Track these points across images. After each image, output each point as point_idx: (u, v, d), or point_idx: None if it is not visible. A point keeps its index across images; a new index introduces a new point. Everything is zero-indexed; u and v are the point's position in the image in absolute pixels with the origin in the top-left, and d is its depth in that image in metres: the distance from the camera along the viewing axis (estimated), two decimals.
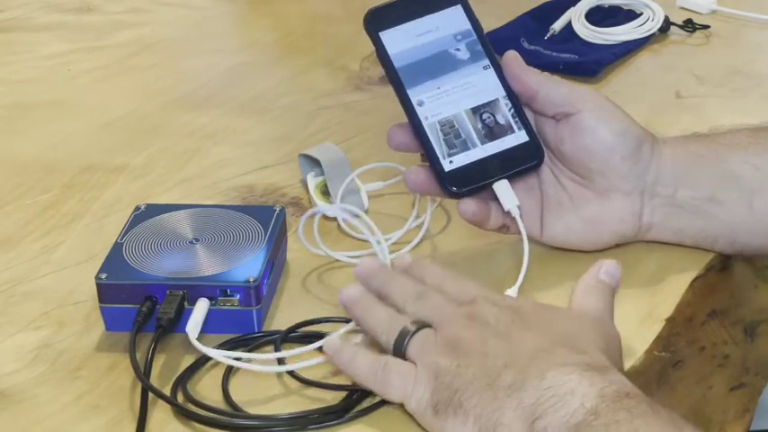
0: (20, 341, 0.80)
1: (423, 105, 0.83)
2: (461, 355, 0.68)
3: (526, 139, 0.84)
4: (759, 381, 0.85)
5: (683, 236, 0.85)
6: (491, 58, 0.86)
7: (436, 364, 0.68)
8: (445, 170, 0.82)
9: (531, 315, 0.70)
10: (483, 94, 0.84)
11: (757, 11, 1.28)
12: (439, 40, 0.85)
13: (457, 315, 0.71)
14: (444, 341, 0.69)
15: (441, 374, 0.68)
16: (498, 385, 0.65)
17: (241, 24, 1.41)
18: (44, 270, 0.88)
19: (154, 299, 0.79)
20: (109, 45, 1.29)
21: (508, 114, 0.84)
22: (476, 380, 0.66)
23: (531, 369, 0.65)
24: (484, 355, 0.67)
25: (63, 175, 1.02)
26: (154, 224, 0.85)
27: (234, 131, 1.09)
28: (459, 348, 0.68)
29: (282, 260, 0.87)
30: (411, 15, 0.85)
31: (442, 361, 0.68)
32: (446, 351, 0.68)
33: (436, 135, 0.82)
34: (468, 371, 0.67)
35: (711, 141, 0.85)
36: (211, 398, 0.74)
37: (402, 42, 0.84)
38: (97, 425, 0.72)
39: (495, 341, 0.68)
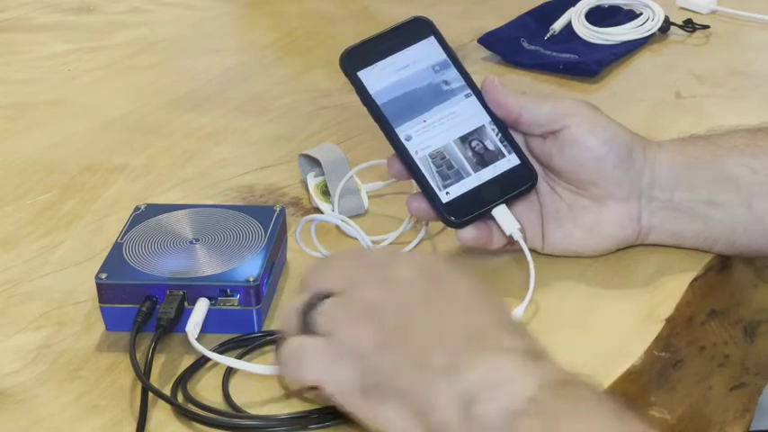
0: (20, 341, 0.80)
1: (411, 140, 0.83)
2: (383, 327, 0.64)
3: (518, 163, 0.84)
4: (759, 381, 0.85)
5: (682, 238, 0.85)
6: (471, 85, 0.86)
7: (355, 343, 0.64)
8: (443, 202, 0.82)
9: (455, 283, 0.67)
10: (469, 122, 0.84)
11: (757, 11, 1.28)
12: (417, 74, 0.85)
13: (365, 277, 0.66)
14: (357, 308, 0.65)
15: (365, 354, 0.63)
16: (431, 366, 0.62)
17: (241, 24, 1.40)
18: (44, 270, 0.88)
19: (154, 299, 0.79)
20: (109, 45, 1.29)
21: (496, 139, 0.84)
22: (406, 359, 0.63)
23: (467, 352, 0.62)
24: (410, 328, 0.64)
25: (63, 175, 1.02)
26: (154, 224, 0.85)
27: (234, 131, 1.09)
28: (376, 318, 0.64)
29: (282, 260, 0.87)
30: (386, 52, 0.85)
31: (362, 339, 0.64)
32: (361, 321, 0.64)
33: (429, 168, 0.82)
34: (395, 349, 0.63)
35: (708, 144, 0.85)
36: (211, 398, 0.74)
37: (381, 80, 0.84)
38: (97, 425, 0.72)
39: (419, 311, 0.64)
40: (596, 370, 0.76)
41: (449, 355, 0.62)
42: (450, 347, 0.63)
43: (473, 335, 0.63)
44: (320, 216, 0.88)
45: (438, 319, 0.64)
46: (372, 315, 0.65)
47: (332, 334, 0.65)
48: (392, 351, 0.63)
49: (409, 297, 0.65)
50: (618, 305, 0.83)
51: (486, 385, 0.61)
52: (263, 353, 0.78)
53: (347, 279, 0.67)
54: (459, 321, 0.64)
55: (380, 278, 0.67)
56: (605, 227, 0.84)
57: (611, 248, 0.85)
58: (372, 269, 0.68)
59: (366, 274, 0.67)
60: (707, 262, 0.86)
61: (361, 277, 0.67)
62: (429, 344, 0.63)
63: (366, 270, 0.68)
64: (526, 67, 1.19)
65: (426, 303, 0.65)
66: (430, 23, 0.87)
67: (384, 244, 0.86)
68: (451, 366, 0.62)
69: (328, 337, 0.65)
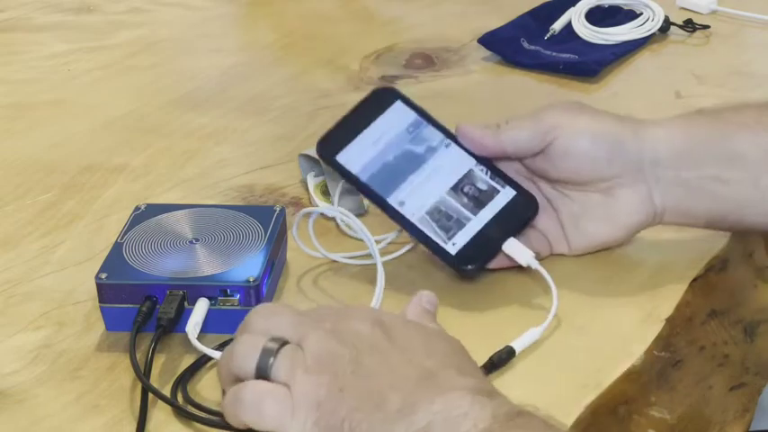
0: (20, 341, 0.80)
1: (405, 205, 0.84)
2: (339, 375, 0.64)
3: (514, 194, 0.84)
4: (759, 381, 0.85)
5: (694, 217, 0.85)
6: (448, 134, 0.86)
7: (315, 391, 0.64)
8: (453, 254, 0.82)
9: (402, 332, 0.68)
10: (456, 170, 0.85)
11: (757, 11, 1.28)
12: (393, 141, 0.86)
13: (318, 329, 0.67)
14: (314, 358, 0.65)
15: (323, 404, 0.64)
16: (386, 409, 0.63)
17: (241, 24, 1.41)
18: (44, 270, 0.88)
19: (154, 299, 0.79)
20: (109, 45, 1.29)
21: (487, 178, 0.85)
22: (362, 405, 0.63)
23: (420, 393, 0.63)
24: (364, 374, 0.64)
25: (63, 175, 1.02)
26: (154, 224, 0.85)
27: (234, 131, 1.09)
28: (332, 367, 0.65)
29: (282, 260, 0.87)
30: (358, 129, 0.86)
31: (321, 387, 0.64)
32: (319, 370, 0.65)
33: (429, 226, 0.83)
34: (351, 396, 0.64)
35: (716, 120, 0.84)
36: (211, 398, 0.74)
37: (360, 157, 0.85)
38: (97, 425, 0.72)
39: (370, 359, 0.65)
40: (596, 370, 0.76)
41: (403, 397, 0.63)
42: (404, 390, 0.64)
43: (425, 377, 0.64)
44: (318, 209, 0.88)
45: (391, 365, 0.65)
46: (328, 364, 0.65)
47: (291, 384, 0.65)
48: (348, 397, 0.64)
49: (362, 346, 0.66)
50: (618, 305, 0.83)
51: (441, 422, 0.62)
52: None
53: (299, 329, 0.67)
54: (411, 366, 0.65)
55: (332, 330, 0.67)
56: (621, 216, 0.84)
57: (633, 233, 0.86)
58: (324, 320, 0.68)
59: (318, 324, 0.67)
60: (707, 262, 0.86)
61: (314, 327, 0.67)
62: (383, 388, 0.64)
63: (318, 320, 0.68)
64: (526, 67, 1.19)
65: (379, 350, 0.66)
66: (392, 90, 0.88)
67: (383, 244, 0.86)
68: (406, 407, 0.63)
69: (288, 386, 0.65)
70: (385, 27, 1.32)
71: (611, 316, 0.81)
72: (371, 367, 0.65)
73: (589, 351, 0.78)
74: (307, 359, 0.66)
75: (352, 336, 0.66)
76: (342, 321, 0.68)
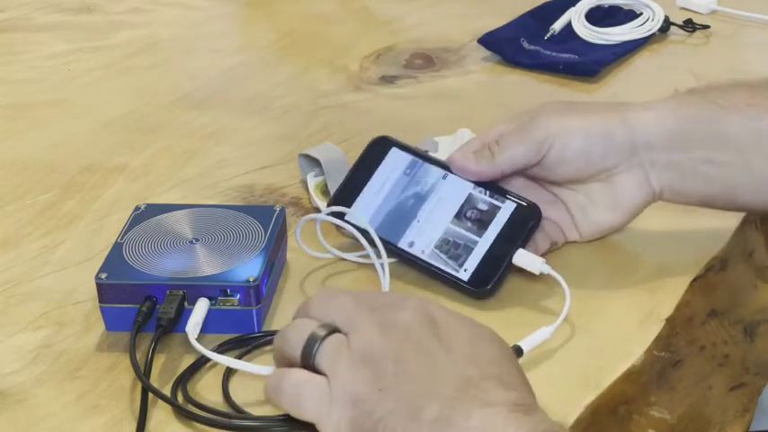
0: (20, 341, 0.80)
1: (414, 245, 0.85)
2: (381, 373, 0.64)
3: (515, 206, 0.85)
4: (759, 381, 0.85)
5: (687, 196, 0.86)
6: (444, 166, 0.88)
7: (353, 387, 0.65)
8: (465, 279, 0.83)
9: (452, 331, 0.67)
10: (456, 198, 0.86)
11: (757, 11, 1.28)
12: (395, 188, 0.88)
13: (368, 320, 0.67)
14: (358, 352, 0.66)
15: (360, 401, 0.64)
16: (422, 418, 0.63)
17: (241, 24, 1.41)
18: (44, 270, 0.88)
19: (154, 299, 0.79)
20: (109, 45, 1.29)
21: (486, 198, 0.86)
22: (398, 410, 0.63)
23: (458, 404, 0.63)
24: (405, 378, 0.64)
25: (63, 175, 1.02)
26: (154, 224, 0.85)
27: (234, 131, 1.09)
28: (375, 364, 0.65)
29: (282, 260, 0.87)
30: (361, 184, 0.89)
31: (360, 384, 0.64)
32: (361, 366, 0.65)
33: (439, 259, 0.84)
34: (389, 398, 0.64)
35: (706, 102, 0.85)
36: (211, 398, 0.74)
37: (367, 210, 0.87)
38: (97, 425, 0.72)
39: (415, 361, 0.65)
40: (596, 370, 0.76)
41: (440, 407, 0.63)
42: (441, 399, 0.63)
43: (465, 386, 0.64)
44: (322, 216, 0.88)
45: (434, 368, 0.65)
46: (371, 361, 0.65)
47: (331, 375, 0.66)
48: (387, 399, 0.64)
49: (408, 344, 0.66)
50: (618, 305, 0.83)
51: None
52: (263, 353, 0.78)
53: (351, 318, 0.68)
54: (453, 370, 0.64)
55: (382, 322, 0.67)
56: (624, 200, 0.86)
57: (637, 214, 0.87)
58: (375, 312, 0.68)
59: (369, 316, 0.67)
60: (707, 261, 0.86)
61: (364, 319, 0.67)
62: (422, 394, 0.63)
63: (369, 312, 0.68)
64: (526, 67, 1.19)
65: (424, 351, 0.65)
66: (386, 138, 0.91)
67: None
68: (442, 419, 0.62)
69: (328, 377, 0.66)
70: (385, 27, 1.32)
71: (611, 316, 0.81)
72: (414, 369, 0.65)
73: (589, 351, 0.78)
74: (351, 352, 0.66)
75: (400, 332, 0.66)
76: (394, 313, 0.67)
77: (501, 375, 0.65)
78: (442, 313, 0.68)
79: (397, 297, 0.70)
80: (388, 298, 0.71)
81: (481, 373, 0.65)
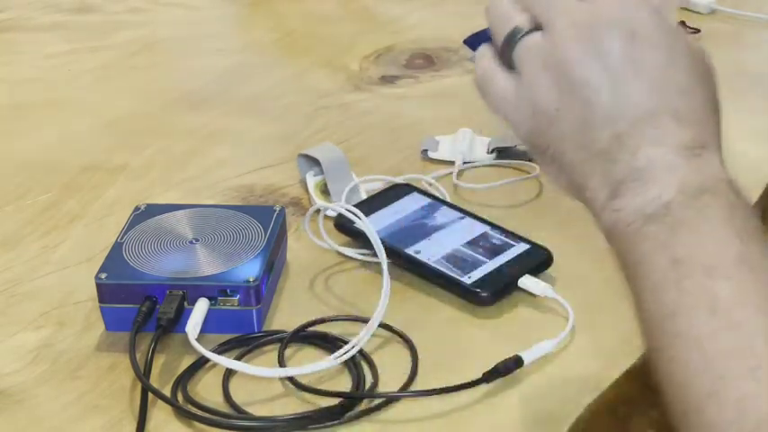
0: (20, 341, 0.80)
1: (421, 253, 0.86)
2: (566, 86, 0.62)
3: (528, 247, 0.86)
4: None
5: None
6: (463, 211, 0.90)
7: (536, 96, 0.63)
8: (468, 283, 0.83)
9: (649, 49, 0.62)
10: (471, 232, 0.88)
11: (757, 11, 1.28)
12: (409, 215, 0.90)
13: (567, 20, 0.63)
14: (553, 54, 0.62)
15: (538, 115, 0.63)
16: (592, 149, 0.61)
17: (241, 24, 1.41)
18: (44, 270, 0.88)
19: (154, 299, 0.79)
20: (109, 45, 1.29)
21: (501, 237, 0.87)
22: (571, 135, 0.62)
23: (627, 140, 0.61)
24: (584, 98, 0.61)
25: (63, 175, 1.02)
26: (154, 224, 0.85)
27: (234, 131, 1.09)
28: (561, 74, 0.62)
29: (282, 260, 0.87)
30: (375, 209, 0.90)
31: (542, 95, 0.62)
32: (552, 71, 0.62)
33: (446, 266, 0.84)
34: (565, 121, 0.62)
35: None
36: (211, 398, 0.74)
37: (379, 223, 0.88)
38: (97, 425, 0.72)
39: (599, 78, 0.61)
40: (596, 370, 0.76)
41: (611, 137, 0.61)
42: (616, 129, 0.61)
43: (640, 120, 0.61)
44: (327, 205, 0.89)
45: (617, 90, 0.62)
46: (558, 69, 0.62)
47: (521, 75, 0.64)
48: (561, 121, 0.62)
49: (597, 59, 0.62)
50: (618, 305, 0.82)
51: (633, 179, 0.60)
52: (264, 353, 0.78)
53: (552, 11, 0.64)
54: (637, 97, 0.61)
55: (583, 23, 0.63)
56: None
57: None
58: (579, 9, 0.64)
59: (572, 12, 0.64)
60: None
61: (565, 15, 0.63)
62: (597, 120, 0.61)
63: (573, 7, 0.64)
64: None
65: (612, 68, 0.62)
66: (408, 185, 0.94)
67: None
68: (610, 152, 0.61)
69: (518, 76, 0.64)
70: (385, 27, 1.32)
71: (611, 316, 0.81)
72: (595, 89, 0.62)
73: (589, 351, 0.78)
74: (547, 54, 0.63)
75: (595, 43, 0.62)
76: (597, 17, 0.63)
77: (682, 110, 0.62)
78: (648, 25, 0.63)
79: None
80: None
81: (663, 104, 0.62)
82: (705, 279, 0.56)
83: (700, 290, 0.56)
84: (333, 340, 0.78)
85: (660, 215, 0.59)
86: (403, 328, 0.80)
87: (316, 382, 0.74)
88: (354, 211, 0.85)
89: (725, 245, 0.57)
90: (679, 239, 0.58)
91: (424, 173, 0.99)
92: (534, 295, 0.83)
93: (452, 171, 0.99)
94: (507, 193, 0.97)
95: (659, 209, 0.59)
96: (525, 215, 0.94)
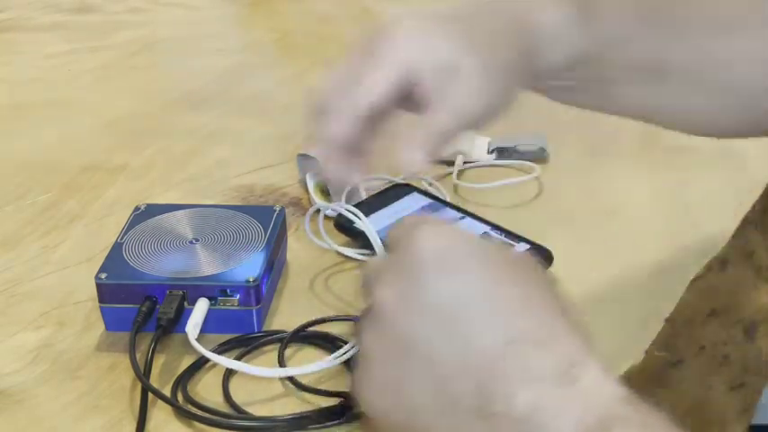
0: (20, 341, 0.80)
1: None
2: (389, 351, 0.55)
3: (528, 247, 0.86)
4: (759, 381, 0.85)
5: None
6: (463, 211, 0.91)
7: (383, 375, 0.55)
8: None
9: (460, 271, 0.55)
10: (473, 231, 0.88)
11: None
12: (411, 213, 0.90)
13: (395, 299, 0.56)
14: (383, 335, 0.56)
15: (379, 386, 0.56)
16: (459, 410, 0.53)
17: (241, 24, 1.41)
18: (44, 270, 0.88)
19: (154, 299, 0.79)
20: (109, 45, 1.29)
21: (502, 237, 0.88)
22: (428, 402, 0.54)
23: (496, 387, 0.52)
24: (422, 357, 0.54)
25: (63, 175, 1.02)
26: (154, 224, 0.85)
27: (234, 131, 1.09)
28: (401, 347, 0.55)
29: (282, 260, 0.87)
30: (374, 209, 0.90)
31: (388, 370, 0.55)
32: (387, 349, 0.55)
33: None
34: (411, 387, 0.54)
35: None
36: (211, 398, 0.74)
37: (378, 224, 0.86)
38: (97, 425, 0.72)
39: (443, 337, 0.54)
40: None
41: (478, 392, 0.53)
42: (479, 381, 0.53)
43: (503, 361, 0.53)
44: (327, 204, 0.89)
45: (465, 341, 0.54)
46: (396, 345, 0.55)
47: (363, 360, 0.57)
48: (414, 392, 0.55)
49: (435, 322, 0.55)
50: (618, 305, 0.83)
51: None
52: (263, 353, 0.78)
53: (373, 295, 0.57)
54: (488, 343, 0.53)
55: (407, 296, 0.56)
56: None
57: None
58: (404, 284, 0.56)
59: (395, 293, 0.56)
60: (707, 262, 0.86)
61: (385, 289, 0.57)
62: (455, 376, 0.53)
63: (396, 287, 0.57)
64: None
65: (439, 326, 0.54)
66: (408, 184, 0.94)
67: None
68: (483, 408, 0.53)
69: (362, 362, 0.57)
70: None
71: (611, 316, 0.81)
72: (439, 348, 0.54)
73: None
74: (378, 334, 0.56)
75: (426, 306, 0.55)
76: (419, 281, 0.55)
77: (534, 334, 0.54)
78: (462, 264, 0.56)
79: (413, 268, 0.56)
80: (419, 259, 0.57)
81: (515, 331, 0.54)
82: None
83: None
84: (333, 340, 0.78)
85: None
86: None
87: (316, 382, 0.75)
88: (354, 211, 0.85)
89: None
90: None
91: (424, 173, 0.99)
92: None
93: (452, 171, 0.99)
94: (507, 193, 0.97)
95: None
96: (525, 215, 0.94)
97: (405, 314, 0.55)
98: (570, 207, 0.95)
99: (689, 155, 1.02)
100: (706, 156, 1.02)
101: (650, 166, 1.02)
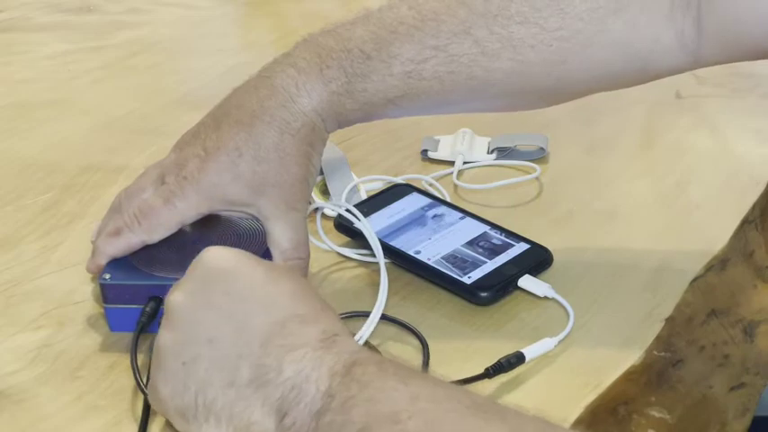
0: (20, 341, 0.80)
1: (421, 253, 0.86)
2: (179, 341, 0.66)
3: (528, 247, 0.86)
4: (759, 381, 0.85)
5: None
6: (462, 211, 0.91)
7: (157, 358, 0.67)
8: (468, 283, 0.83)
9: (240, 283, 0.67)
10: (471, 233, 0.88)
11: None
12: (409, 216, 0.90)
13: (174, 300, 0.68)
14: (169, 321, 0.67)
15: (170, 375, 0.66)
16: (239, 383, 0.63)
17: (241, 24, 1.41)
18: (44, 270, 0.88)
19: (158, 299, 0.79)
20: (109, 45, 1.29)
21: (501, 237, 0.88)
22: (213, 379, 0.64)
23: (268, 359, 0.63)
24: (207, 341, 0.65)
25: (63, 175, 1.02)
26: None
27: None
28: (173, 325, 0.67)
29: None
30: (373, 209, 0.90)
31: (165, 357, 0.66)
32: (165, 328, 0.67)
33: (445, 266, 0.85)
34: (199, 368, 0.65)
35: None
36: None
37: (378, 224, 0.88)
38: (97, 425, 0.72)
39: (217, 326, 0.65)
40: (596, 370, 0.76)
41: (252, 367, 0.63)
42: (253, 358, 0.63)
43: (272, 338, 0.64)
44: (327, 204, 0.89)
45: (237, 326, 0.65)
46: (184, 335, 0.66)
47: (156, 356, 0.67)
48: (197, 370, 0.65)
49: (218, 312, 0.66)
50: (618, 305, 0.83)
51: (290, 392, 0.62)
52: None
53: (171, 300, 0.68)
54: (259, 325, 0.64)
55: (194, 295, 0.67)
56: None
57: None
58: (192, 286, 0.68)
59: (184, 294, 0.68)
60: (707, 262, 0.86)
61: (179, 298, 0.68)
62: (232, 356, 0.64)
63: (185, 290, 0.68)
64: None
65: (221, 309, 0.66)
66: (408, 185, 0.95)
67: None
68: (257, 378, 0.63)
69: (155, 358, 0.68)
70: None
71: (611, 316, 0.81)
72: (215, 331, 0.65)
73: (589, 351, 0.78)
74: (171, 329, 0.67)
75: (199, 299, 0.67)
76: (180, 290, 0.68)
77: (300, 313, 0.65)
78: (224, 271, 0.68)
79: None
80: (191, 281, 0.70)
81: (284, 314, 0.65)
82: (393, 426, 0.57)
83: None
84: None
85: (326, 404, 0.60)
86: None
87: None
88: (354, 212, 0.85)
89: (393, 393, 0.59)
90: (354, 412, 0.59)
91: (423, 173, 0.99)
92: (534, 295, 0.83)
93: (452, 171, 0.99)
94: (507, 193, 0.97)
95: (323, 400, 0.60)
96: (525, 215, 0.94)
97: (192, 309, 0.66)
98: (570, 207, 0.95)
99: (689, 155, 1.02)
100: (706, 156, 1.02)
101: (650, 166, 1.02)
